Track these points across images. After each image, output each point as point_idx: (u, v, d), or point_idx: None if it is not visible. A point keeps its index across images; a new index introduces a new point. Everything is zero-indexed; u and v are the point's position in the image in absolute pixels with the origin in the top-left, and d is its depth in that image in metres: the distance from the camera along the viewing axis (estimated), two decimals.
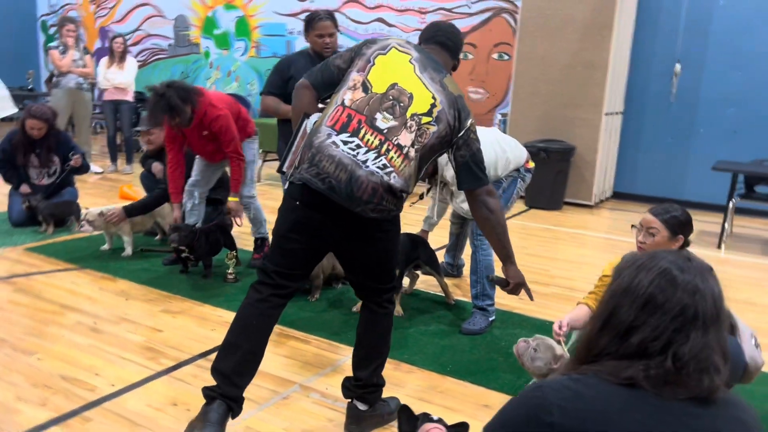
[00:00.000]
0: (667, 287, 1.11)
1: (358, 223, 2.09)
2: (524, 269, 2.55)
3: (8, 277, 3.79)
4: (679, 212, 2.47)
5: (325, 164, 2.04)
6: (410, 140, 2.11)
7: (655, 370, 1.08)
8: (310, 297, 3.67)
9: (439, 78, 2.19)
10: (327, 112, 2.16)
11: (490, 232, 2.34)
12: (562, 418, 1.06)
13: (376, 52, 2.20)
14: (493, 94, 8.12)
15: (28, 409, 2.37)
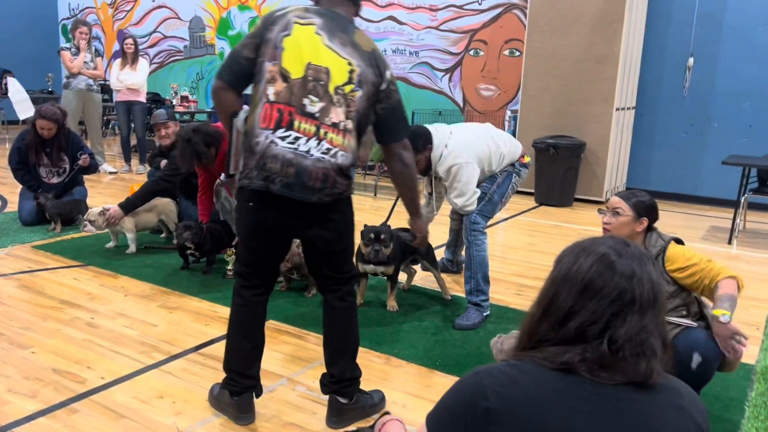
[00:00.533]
0: (605, 272, 1.10)
1: (313, 210, 2.16)
2: (528, 265, 2.55)
3: (13, 273, 3.86)
4: (645, 196, 2.53)
5: (271, 165, 2.09)
6: (342, 114, 2.14)
7: (591, 353, 1.07)
8: (307, 293, 3.68)
9: (349, 39, 2.18)
10: (255, 111, 2.15)
11: (403, 186, 2.40)
12: (497, 403, 1.06)
13: (280, 34, 2.14)
14: (505, 91, 8.06)
15: (18, 401, 2.42)
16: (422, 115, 8.26)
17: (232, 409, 2.35)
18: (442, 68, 8.46)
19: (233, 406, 2.34)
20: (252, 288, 2.31)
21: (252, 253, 2.27)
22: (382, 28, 8.80)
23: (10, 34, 11.52)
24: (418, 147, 3.24)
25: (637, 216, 2.47)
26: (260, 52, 2.16)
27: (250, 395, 2.36)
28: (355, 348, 2.39)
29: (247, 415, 2.34)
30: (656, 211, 2.53)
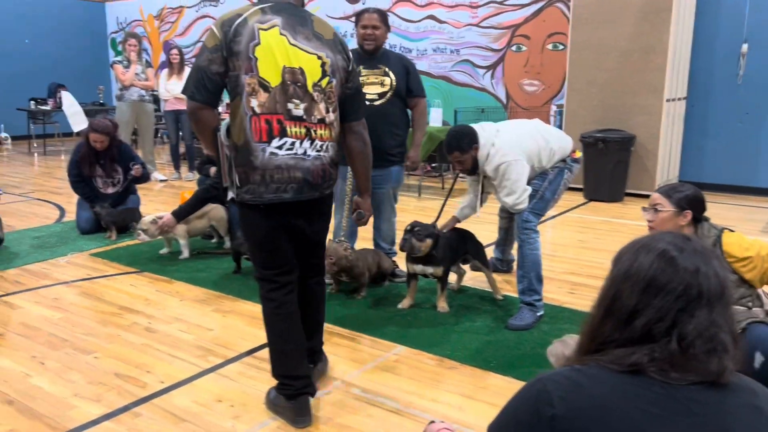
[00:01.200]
0: (667, 268, 1.07)
1: (315, 206, 2.35)
2: (581, 263, 2.51)
3: (73, 281, 4.00)
4: (687, 189, 2.43)
5: (278, 176, 2.19)
6: (324, 108, 2.25)
7: (660, 353, 1.03)
8: (357, 295, 3.69)
9: (311, 32, 2.23)
10: (243, 125, 2.15)
11: (360, 164, 2.50)
12: (563, 409, 1.03)
13: (250, 45, 2.13)
14: (549, 86, 7.92)
15: (83, 405, 2.49)
16: (465, 113, 8.19)
17: (289, 413, 2.37)
18: (484, 65, 8.38)
19: (290, 410, 2.37)
20: (280, 288, 2.36)
21: (273, 256, 2.33)
22: (422, 27, 8.77)
23: (62, 50, 11.95)
24: (463, 147, 3.21)
25: (679, 210, 2.38)
26: (231, 65, 2.14)
27: (306, 398, 2.38)
28: (323, 322, 2.69)
29: (305, 417, 2.36)
30: (701, 202, 2.44)
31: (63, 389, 2.61)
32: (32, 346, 3.03)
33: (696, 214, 2.40)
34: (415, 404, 2.50)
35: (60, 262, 4.37)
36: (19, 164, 9.12)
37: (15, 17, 11.25)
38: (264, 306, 2.39)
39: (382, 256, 3.89)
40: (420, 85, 3.79)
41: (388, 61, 3.69)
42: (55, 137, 11.44)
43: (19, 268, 4.23)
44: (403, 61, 3.75)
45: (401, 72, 3.69)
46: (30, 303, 3.59)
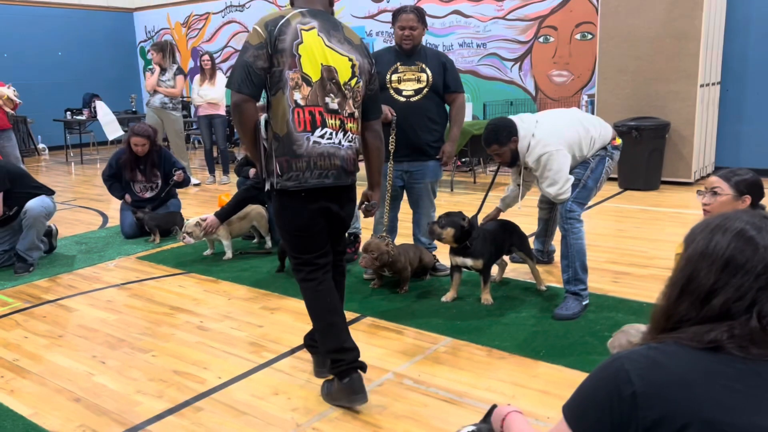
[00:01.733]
0: (745, 247, 1.08)
1: (345, 192, 2.51)
2: (621, 252, 2.52)
3: (124, 283, 4.12)
4: (746, 173, 2.41)
5: (320, 163, 2.37)
6: (353, 105, 2.46)
7: (740, 330, 1.04)
8: (400, 289, 3.73)
9: (343, 36, 2.44)
10: (285, 116, 2.32)
11: (375, 159, 2.66)
12: (644, 386, 1.04)
13: (294, 43, 2.30)
14: (579, 76, 7.87)
15: (147, 401, 2.58)
16: (493, 106, 8.18)
17: (345, 393, 2.43)
18: (511, 58, 8.36)
19: (345, 390, 2.42)
20: (319, 269, 2.49)
21: (313, 239, 2.46)
22: (447, 23, 8.77)
23: (94, 60, 12.22)
24: (502, 140, 3.22)
25: (738, 194, 2.36)
26: (276, 62, 2.30)
27: (358, 374, 2.44)
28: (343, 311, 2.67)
29: (360, 395, 2.42)
30: (760, 187, 2.41)
31: (126, 386, 2.71)
32: (92, 346, 3.14)
33: (755, 200, 2.37)
34: (469, 394, 2.54)
35: (109, 266, 4.50)
36: (58, 173, 9.36)
37: (47, 31, 11.54)
38: (305, 288, 2.50)
39: (423, 250, 3.93)
40: (458, 80, 3.80)
41: (425, 57, 3.71)
42: (90, 146, 11.71)
43: (71, 272, 4.37)
44: (440, 58, 3.76)
45: (438, 68, 3.71)
46: (85, 306, 3.72)
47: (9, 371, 2.89)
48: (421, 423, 2.34)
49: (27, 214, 4.30)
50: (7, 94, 6.73)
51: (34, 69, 11.34)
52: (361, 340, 3.09)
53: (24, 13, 11.27)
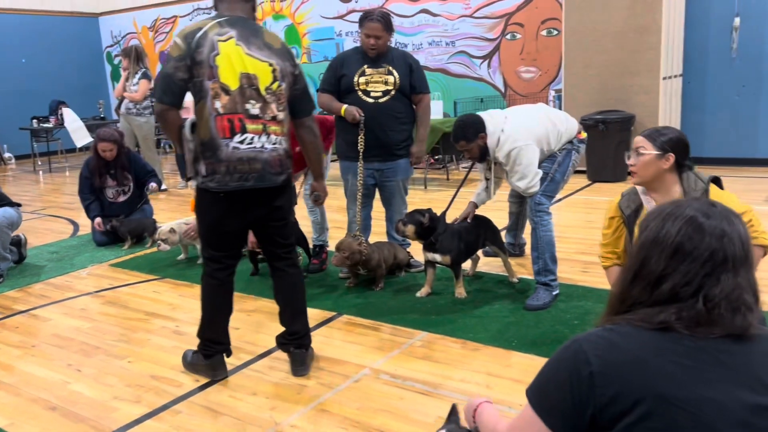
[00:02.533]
0: (694, 234, 1.13)
1: (275, 192, 2.62)
2: (590, 243, 2.59)
3: (97, 291, 4.09)
4: (670, 132, 2.38)
5: (240, 167, 2.49)
6: (276, 108, 2.57)
7: (687, 312, 1.10)
8: (375, 286, 3.77)
9: (263, 42, 2.54)
10: (208, 124, 2.46)
11: (314, 154, 2.83)
12: (601, 366, 1.10)
13: (211, 55, 2.43)
14: (546, 71, 8.00)
15: (124, 407, 2.58)
16: (464, 103, 8.26)
17: (206, 369, 2.75)
18: (480, 55, 8.45)
19: (207, 367, 2.74)
20: (225, 269, 2.70)
21: (224, 239, 2.64)
22: (416, 22, 8.84)
23: (60, 66, 12.02)
24: (469, 137, 3.28)
25: (661, 153, 2.31)
26: (195, 73, 2.44)
27: (221, 357, 2.76)
28: (306, 305, 2.87)
29: (220, 371, 2.75)
30: (685, 145, 2.37)
31: (102, 393, 2.71)
32: (67, 354, 3.12)
33: (679, 158, 2.34)
34: (444, 385, 2.59)
35: (81, 275, 4.46)
36: (26, 183, 9.21)
37: (10, 36, 11.32)
38: (205, 282, 2.70)
39: (396, 247, 3.97)
40: (423, 81, 3.83)
41: (392, 60, 3.73)
42: (58, 154, 11.52)
43: (43, 282, 4.32)
44: (407, 59, 3.78)
45: (405, 70, 3.73)
46: (58, 315, 3.68)
47: None
48: (398, 416, 2.38)
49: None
50: None
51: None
52: (337, 337, 3.13)
53: None
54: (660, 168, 2.33)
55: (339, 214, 5.89)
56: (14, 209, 4.46)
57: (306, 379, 2.72)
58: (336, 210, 5.98)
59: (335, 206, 6.21)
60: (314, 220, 4.25)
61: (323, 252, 4.30)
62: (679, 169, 2.37)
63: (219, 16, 2.54)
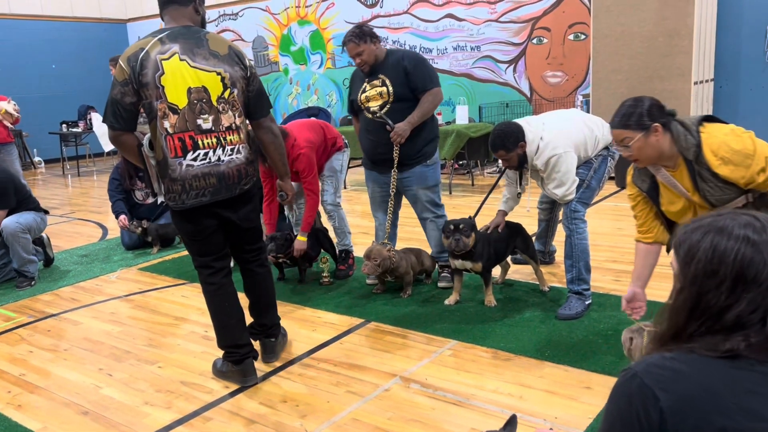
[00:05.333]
0: (754, 256, 1.04)
1: (238, 200, 2.65)
2: (621, 251, 2.54)
3: (126, 295, 4.12)
4: (634, 106, 2.25)
5: (195, 184, 2.51)
6: (232, 117, 2.57)
7: (756, 338, 1.02)
8: (403, 294, 3.74)
9: (207, 51, 2.50)
10: (161, 144, 2.48)
11: (274, 152, 2.83)
12: (671, 401, 1.00)
13: (155, 76, 2.41)
14: (573, 76, 7.91)
15: (155, 412, 2.59)
16: (489, 108, 8.21)
17: (237, 375, 2.75)
18: (506, 60, 8.39)
19: (237, 373, 2.75)
20: (217, 273, 2.72)
21: (204, 245, 2.67)
22: (441, 27, 8.81)
23: (89, 72, 12.21)
24: (509, 146, 3.21)
25: (644, 131, 2.22)
26: (143, 95, 2.44)
27: (251, 360, 2.77)
28: (275, 299, 2.97)
29: (251, 377, 2.75)
30: (658, 107, 2.25)
31: (133, 398, 2.71)
32: (98, 359, 3.14)
33: (660, 119, 2.23)
34: (477, 396, 2.55)
35: (111, 278, 4.50)
36: (55, 186, 9.35)
37: (41, 43, 11.54)
38: (205, 290, 2.74)
39: (423, 254, 3.94)
40: (425, 79, 3.57)
41: (387, 68, 3.61)
42: (86, 158, 11.70)
43: (73, 285, 4.37)
44: (402, 62, 3.58)
45: (399, 76, 3.57)
46: (88, 318, 3.72)
47: (16, 386, 2.89)
48: (430, 426, 2.35)
49: (4, 232, 4.30)
50: (5, 108, 6.75)
51: (29, 82, 11.33)
52: (365, 345, 3.11)
53: (17, 26, 11.27)
54: (656, 143, 2.24)
55: (361, 218, 5.88)
56: (36, 215, 4.51)
57: (335, 386, 2.70)
58: (359, 215, 5.99)
59: (358, 211, 6.22)
60: (334, 225, 4.24)
61: (349, 257, 4.28)
62: (667, 129, 2.25)
63: (161, 31, 2.51)
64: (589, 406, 2.40)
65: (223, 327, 2.75)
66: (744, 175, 2.17)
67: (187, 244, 2.75)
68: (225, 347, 2.76)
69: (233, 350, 2.74)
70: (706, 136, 2.21)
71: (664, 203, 2.45)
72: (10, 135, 6.86)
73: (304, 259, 4.11)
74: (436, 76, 3.69)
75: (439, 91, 3.67)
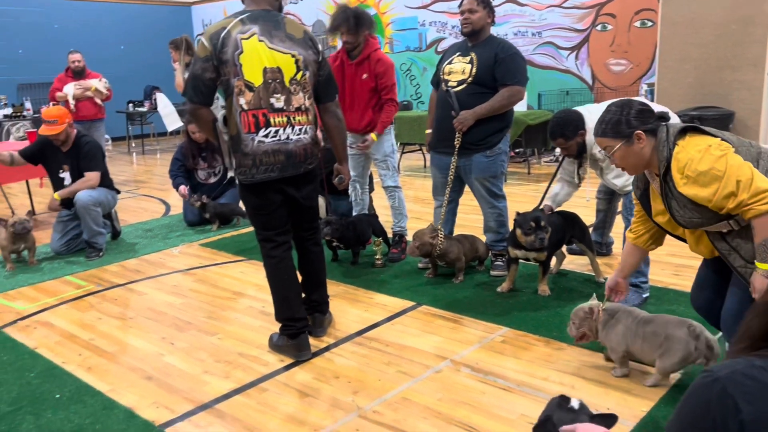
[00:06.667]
0: None
1: (302, 178, 2.79)
2: (680, 244, 2.48)
3: (188, 269, 4.28)
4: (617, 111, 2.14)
5: (265, 159, 2.65)
6: (302, 98, 2.71)
7: None
8: (455, 279, 3.76)
9: (284, 34, 2.64)
10: (235, 119, 2.62)
11: (338, 138, 2.96)
12: (755, 413, 0.93)
13: (234, 54, 2.55)
14: (638, 64, 7.68)
15: (214, 381, 2.70)
16: (549, 96, 8.07)
17: (292, 349, 2.85)
18: (568, 46, 8.21)
19: (293, 347, 2.84)
20: (279, 246, 2.82)
21: (269, 219, 2.79)
22: (502, 12, 8.67)
23: (154, 53, 12.59)
24: (568, 134, 3.17)
25: (626, 139, 2.11)
26: (222, 71, 2.57)
27: (306, 335, 2.87)
28: (326, 278, 3.12)
29: (305, 351, 2.84)
30: (646, 112, 2.13)
31: (194, 366, 2.84)
32: (161, 328, 3.29)
33: (645, 127, 2.11)
34: (527, 383, 2.55)
35: (173, 252, 4.68)
36: (121, 163, 9.73)
37: (110, 25, 11.97)
38: (266, 263, 2.85)
39: (478, 241, 3.93)
40: (509, 73, 3.53)
41: (481, 48, 3.61)
42: (150, 137, 12.12)
43: (138, 258, 4.57)
44: (496, 49, 3.56)
45: (488, 60, 3.54)
46: (152, 290, 3.89)
47: (86, 350, 3.06)
48: (481, 410, 2.37)
49: (76, 204, 4.52)
50: (95, 86, 7.09)
51: (99, 62, 11.72)
52: (416, 327, 3.15)
53: (88, 8, 11.71)
54: (639, 150, 2.12)
55: (413, 203, 5.91)
56: (108, 192, 4.73)
57: (386, 366, 2.75)
58: (411, 200, 6.01)
59: (410, 196, 6.24)
60: (392, 205, 4.27)
61: (402, 241, 4.32)
62: (652, 136, 2.13)
63: (242, 12, 2.64)
64: (642, 399, 2.37)
65: (282, 300, 2.85)
66: (710, 199, 1.98)
67: (252, 217, 2.86)
68: (283, 320, 2.86)
69: (290, 323, 2.84)
70: (679, 150, 2.04)
71: (653, 213, 2.33)
72: (101, 111, 7.25)
73: (357, 242, 4.17)
74: (525, 76, 3.62)
75: (521, 91, 3.60)
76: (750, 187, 1.90)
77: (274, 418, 2.38)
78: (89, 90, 7.13)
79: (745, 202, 1.91)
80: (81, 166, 4.62)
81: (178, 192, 5.34)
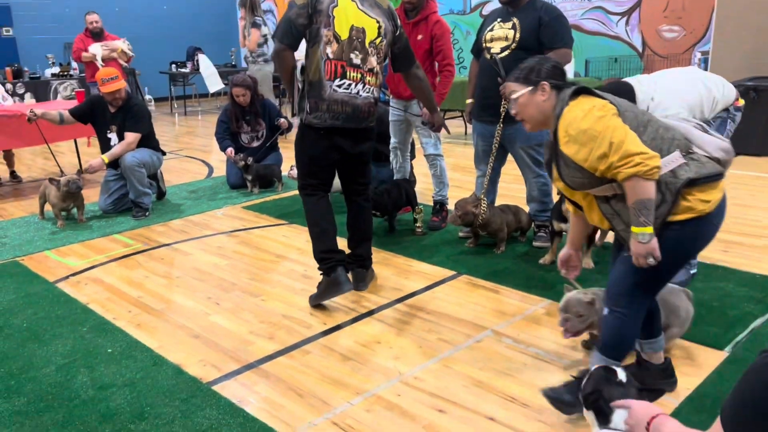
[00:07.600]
0: None
1: (361, 133, 3.02)
2: (734, 221, 2.41)
3: (231, 231, 4.35)
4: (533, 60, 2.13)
5: (335, 107, 2.89)
6: (376, 61, 2.96)
7: None
8: (496, 249, 3.74)
9: (373, 1, 2.92)
10: (318, 66, 2.86)
11: (422, 94, 3.30)
12: None
13: (330, 6, 2.82)
14: (691, 31, 7.37)
15: (259, 341, 2.76)
16: (597, 62, 7.84)
17: (332, 287, 2.97)
18: (618, 11, 7.92)
19: (332, 283, 2.97)
20: (316, 194, 3.06)
21: (318, 169, 3.03)
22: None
23: (197, 14, 12.62)
24: None
25: (532, 86, 2.07)
26: (315, 20, 2.81)
27: (343, 269, 2.99)
28: (371, 234, 3.31)
29: (345, 284, 2.96)
30: (554, 66, 2.10)
31: (239, 327, 2.91)
32: (207, 288, 3.37)
33: (554, 81, 2.07)
34: (569, 356, 2.55)
35: (217, 214, 4.76)
36: (164, 124, 9.87)
37: None
38: (306, 201, 3.07)
39: (521, 212, 3.89)
40: (556, 36, 3.44)
41: (522, 13, 3.51)
42: (192, 98, 12.22)
43: (183, 219, 4.66)
44: (539, 13, 3.48)
45: (532, 25, 3.46)
46: (197, 250, 3.97)
47: (135, 307, 3.16)
48: (522, 381, 2.38)
49: (122, 164, 4.61)
50: (121, 47, 7.15)
51: (142, 22, 11.86)
52: (457, 296, 3.16)
53: None
54: (540, 102, 2.08)
55: (452, 171, 5.86)
56: (153, 153, 4.82)
57: (427, 333, 2.78)
58: (450, 168, 5.96)
59: (450, 164, 6.18)
60: (434, 173, 4.24)
61: (443, 209, 4.30)
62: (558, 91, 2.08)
63: None
64: (688, 377, 2.34)
65: (321, 232, 3.02)
66: (586, 158, 1.93)
67: (301, 165, 3.07)
68: (321, 252, 3.00)
69: (328, 255, 2.99)
70: (568, 110, 2.00)
71: (553, 178, 2.22)
72: (124, 73, 7.28)
73: (394, 208, 4.15)
74: (570, 37, 3.53)
75: (568, 53, 3.50)
76: (620, 150, 1.86)
77: (317, 380, 2.43)
78: (116, 51, 7.23)
79: (615, 164, 1.88)
80: (127, 126, 4.70)
81: (226, 154, 5.39)
